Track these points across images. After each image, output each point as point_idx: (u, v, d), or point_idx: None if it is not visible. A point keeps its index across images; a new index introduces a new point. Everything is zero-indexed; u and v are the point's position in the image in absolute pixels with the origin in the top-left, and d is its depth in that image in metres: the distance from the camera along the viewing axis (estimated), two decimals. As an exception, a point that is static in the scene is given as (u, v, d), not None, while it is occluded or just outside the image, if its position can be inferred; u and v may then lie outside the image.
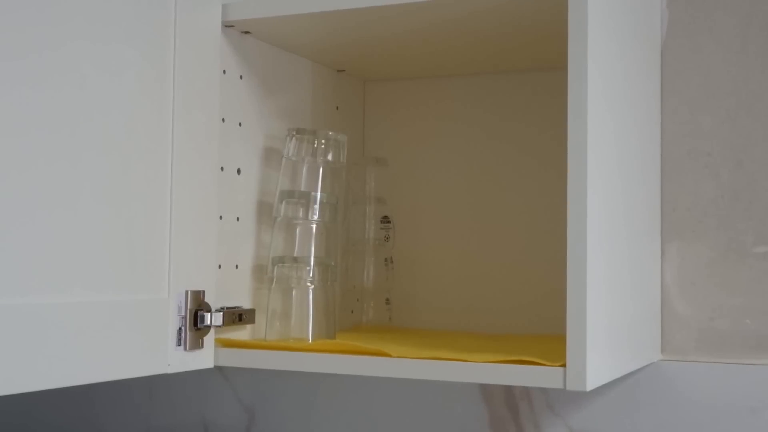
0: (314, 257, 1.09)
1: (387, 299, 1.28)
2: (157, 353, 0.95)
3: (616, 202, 0.98)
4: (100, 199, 0.88)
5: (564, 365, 0.87)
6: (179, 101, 0.98)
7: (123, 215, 0.91)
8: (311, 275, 1.08)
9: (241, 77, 1.10)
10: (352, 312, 1.28)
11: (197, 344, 1.00)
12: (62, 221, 0.84)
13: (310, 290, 1.08)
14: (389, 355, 0.96)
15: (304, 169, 1.11)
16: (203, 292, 1.00)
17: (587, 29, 0.87)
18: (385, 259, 1.27)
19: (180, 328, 0.98)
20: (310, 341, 1.06)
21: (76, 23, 0.86)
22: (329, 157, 1.11)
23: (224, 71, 1.07)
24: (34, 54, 0.82)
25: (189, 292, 0.99)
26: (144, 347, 0.93)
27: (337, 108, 1.31)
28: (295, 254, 1.09)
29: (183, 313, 0.98)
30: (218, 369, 1.22)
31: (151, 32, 0.95)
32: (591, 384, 0.87)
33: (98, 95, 0.88)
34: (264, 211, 1.14)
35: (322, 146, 1.11)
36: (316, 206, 1.09)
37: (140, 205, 0.93)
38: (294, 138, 1.11)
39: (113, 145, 0.90)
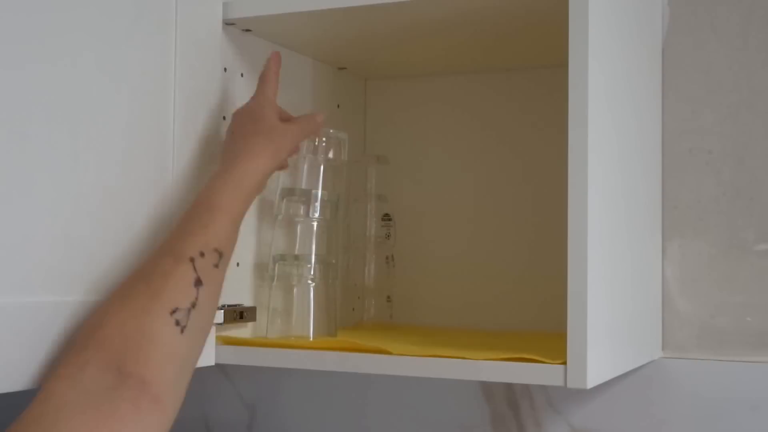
0: (315, 255, 1.09)
1: (388, 297, 1.28)
2: (159, 351, 0.95)
3: (617, 200, 0.98)
4: (101, 197, 0.88)
5: (565, 363, 0.87)
6: (180, 99, 0.98)
7: (124, 213, 0.91)
8: (312, 273, 1.08)
9: (242, 75, 1.10)
10: (353, 310, 1.28)
11: (198, 342, 1.00)
12: (63, 220, 0.84)
13: (311, 288, 1.08)
14: (390, 353, 0.96)
15: (305, 167, 1.11)
16: (204, 289, 1.00)
17: (588, 26, 0.87)
18: (386, 257, 1.27)
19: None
20: (311, 339, 1.06)
21: (77, 22, 0.86)
22: (330, 155, 1.11)
23: (225, 69, 1.07)
24: (33, 50, 0.82)
25: (190, 290, 0.99)
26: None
27: (338, 106, 1.31)
28: (296, 252, 1.09)
29: (184, 311, 0.98)
30: (219, 366, 1.22)
31: (152, 30, 0.95)
32: (591, 381, 0.87)
33: (99, 93, 0.88)
34: (265, 209, 1.14)
35: (323, 144, 1.11)
36: (317, 204, 1.09)
37: (141, 202, 0.93)
38: None
39: (114, 142, 0.90)
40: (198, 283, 0.81)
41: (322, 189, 1.10)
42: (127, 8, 0.92)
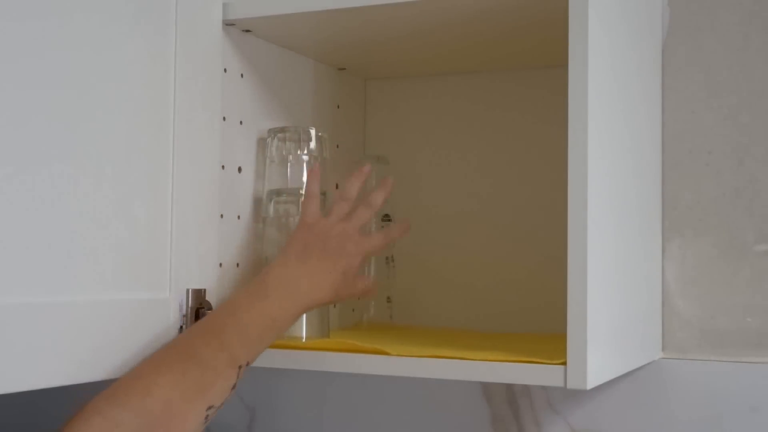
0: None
1: (388, 297, 1.28)
2: (159, 351, 0.95)
3: (617, 200, 0.98)
4: (101, 197, 0.88)
5: (564, 363, 0.87)
6: (180, 100, 0.98)
7: (124, 214, 0.91)
8: None
9: (242, 76, 1.10)
10: (353, 310, 1.28)
11: (198, 342, 1.00)
12: (64, 220, 0.84)
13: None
14: (388, 354, 0.96)
15: (288, 167, 1.10)
16: (204, 290, 1.00)
17: (588, 27, 0.87)
18: (386, 258, 1.27)
19: (181, 327, 0.98)
20: (303, 340, 1.06)
21: (77, 23, 0.86)
22: (312, 151, 1.11)
23: (225, 70, 1.07)
24: (34, 52, 0.82)
25: (190, 291, 0.99)
26: (146, 346, 0.93)
27: (338, 106, 1.31)
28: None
29: (184, 312, 0.98)
30: (219, 367, 1.22)
31: (152, 31, 0.95)
32: (591, 382, 0.87)
33: (99, 93, 0.88)
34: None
35: (303, 143, 1.10)
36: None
37: (141, 203, 0.93)
38: (275, 138, 1.11)
39: (114, 143, 0.90)
40: (234, 387, 0.93)
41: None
42: (127, 9, 0.92)
